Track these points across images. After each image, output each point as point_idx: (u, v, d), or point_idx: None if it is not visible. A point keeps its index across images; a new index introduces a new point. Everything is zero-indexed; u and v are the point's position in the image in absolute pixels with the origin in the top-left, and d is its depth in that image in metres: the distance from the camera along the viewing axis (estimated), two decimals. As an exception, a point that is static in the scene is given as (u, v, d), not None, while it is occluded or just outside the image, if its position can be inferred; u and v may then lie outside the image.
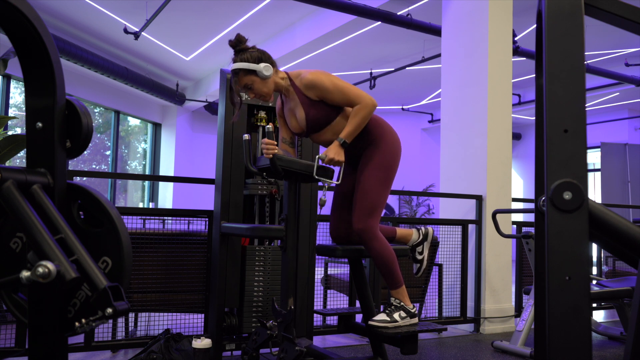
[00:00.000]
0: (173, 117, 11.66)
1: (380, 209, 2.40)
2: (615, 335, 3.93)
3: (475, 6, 4.33)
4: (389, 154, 2.43)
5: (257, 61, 2.40)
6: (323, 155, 2.33)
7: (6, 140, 2.49)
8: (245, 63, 2.39)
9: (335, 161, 2.33)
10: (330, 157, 2.32)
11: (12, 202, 1.27)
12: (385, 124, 2.50)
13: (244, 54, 2.42)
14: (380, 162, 2.41)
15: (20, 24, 1.32)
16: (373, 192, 2.39)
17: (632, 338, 1.04)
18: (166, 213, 3.43)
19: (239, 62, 2.41)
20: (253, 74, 2.39)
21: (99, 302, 1.26)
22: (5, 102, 7.96)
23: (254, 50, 2.44)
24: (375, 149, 2.42)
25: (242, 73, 2.40)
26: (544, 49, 1.04)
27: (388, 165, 2.43)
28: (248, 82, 2.40)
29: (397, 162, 2.47)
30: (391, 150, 2.44)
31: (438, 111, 12.16)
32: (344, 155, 2.35)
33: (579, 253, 0.98)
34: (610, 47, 7.95)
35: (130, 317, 3.39)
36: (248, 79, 2.40)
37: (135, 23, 7.59)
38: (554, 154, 1.00)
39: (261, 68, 2.38)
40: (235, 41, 2.46)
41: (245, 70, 2.39)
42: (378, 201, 2.39)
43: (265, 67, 2.39)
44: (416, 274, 2.67)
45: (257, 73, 2.39)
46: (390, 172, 2.44)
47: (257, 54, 2.43)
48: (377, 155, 2.42)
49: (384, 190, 2.42)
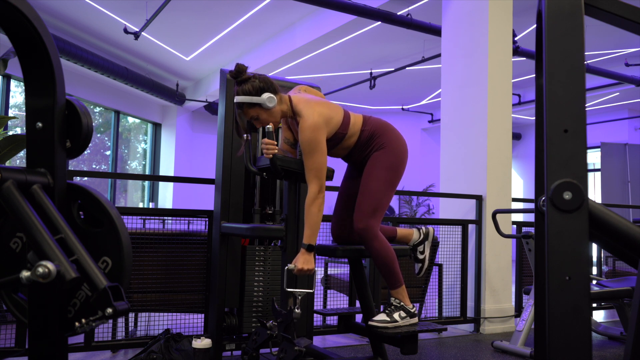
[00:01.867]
0: (173, 117, 11.66)
1: (383, 211, 2.41)
2: (615, 335, 3.93)
3: (475, 6, 4.33)
4: (396, 158, 2.44)
5: (259, 92, 2.32)
6: (292, 266, 2.27)
7: (6, 140, 2.49)
8: (248, 96, 2.31)
9: (305, 270, 2.26)
10: (299, 268, 2.25)
11: (12, 202, 1.27)
12: (393, 131, 2.50)
13: (245, 84, 2.34)
14: (388, 164, 2.42)
15: (20, 24, 1.32)
16: (378, 192, 2.39)
17: (632, 338, 1.04)
18: (166, 213, 3.43)
19: (242, 94, 2.33)
20: (257, 106, 2.33)
21: (99, 302, 1.26)
22: (5, 102, 7.96)
23: (255, 80, 2.35)
24: (383, 153, 2.43)
25: (247, 106, 2.33)
26: (544, 49, 1.04)
27: (395, 168, 2.43)
28: (254, 114, 2.34)
29: (403, 166, 2.48)
30: (398, 154, 2.45)
31: (438, 111, 12.16)
32: (313, 262, 2.29)
33: (579, 253, 0.98)
34: (610, 47, 7.95)
35: (130, 317, 3.39)
36: (253, 111, 2.34)
37: (135, 23, 7.59)
38: (554, 154, 1.00)
39: (264, 100, 2.31)
40: (235, 72, 2.36)
41: (249, 103, 2.33)
42: (382, 202, 2.39)
43: (268, 99, 2.31)
44: (418, 273, 2.67)
45: (261, 105, 2.33)
46: (396, 175, 2.45)
47: (259, 84, 2.34)
48: (385, 157, 2.42)
49: (389, 192, 2.43)
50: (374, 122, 2.49)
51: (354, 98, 11.30)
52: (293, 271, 2.27)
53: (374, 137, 2.44)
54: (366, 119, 2.49)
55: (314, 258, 2.31)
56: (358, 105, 11.93)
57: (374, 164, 2.42)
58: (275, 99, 2.33)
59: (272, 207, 2.95)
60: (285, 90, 2.54)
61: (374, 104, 11.91)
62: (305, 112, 2.32)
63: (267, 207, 2.94)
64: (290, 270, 2.28)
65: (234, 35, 8.07)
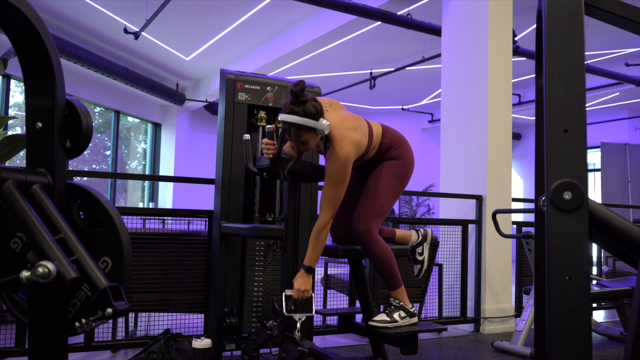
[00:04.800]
0: (173, 117, 11.66)
1: (384, 216, 2.44)
2: (615, 335, 3.93)
3: (475, 6, 4.33)
4: (407, 171, 2.47)
5: (318, 117, 2.18)
6: (290, 292, 2.28)
7: (6, 140, 2.49)
8: (309, 120, 2.15)
9: (302, 292, 2.26)
10: (297, 288, 2.27)
11: (12, 202, 1.27)
12: (407, 144, 2.52)
13: (306, 105, 2.16)
14: (399, 174, 2.45)
15: (20, 24, 1.32)
16: (384, 197, 2.41)
17: (632, 338, 1.04)
18: (166, 213, 3.43)
19: (302, 116, 2.15)
20: (311, 130, 2.18)
21: (99, 302, 1.26)
22: (5, 102, 7.96)
23: (316, 103, 2.20)
24: (396, 163, 2.45)
25: (304, 129, 2.17)
26: (544, 49, 1.04)
27: (403, 180, 2.47)
28: (306, 138, 2.20)
29: (409, 179, 2.51)
30: (409, 167, 2.48)
31: (438, 111, 12.16)
32: (311, 284, 2.29)
33: (579, 253, 0.98)
34: (610, 47, 7.95)
35: (130, 317, 3.39)
36: (307, 136, 2.19)
37: (135, 23, 7.59)
38: (554, 154, 1.00)
39: (324, 127, 2.17)
40: (299, 89, 2.16)
41: (305, 127, 2.16)
42: (385, 208, 2.42)
43: (327, 126, 2.18)
44: (417, 275, 2.67)
45: (315, 130, 2.18)
46: (402, 186, 2.49)
47: (319, 108, 2.19)
48: (397, 168, 2.45)
49: (393, 200, 2.46)
50: (391, 134, 2.50)
51: (354, 98, 11.30)
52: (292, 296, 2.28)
53: (390, 149, 2.46)
54: (385, 130, 2.49)
55: (313, 281, 2.32)
56: (358, 105, 11.93)
57: (386, 170, 2.44)
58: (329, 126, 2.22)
59: (272, 214, 2.94)
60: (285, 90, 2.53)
61: (374, 104, 11.91)
62: (338, 139, 2.24)
63: (267, 214, 2.94)
64: (288, 296, 2.28)
65: (234, 35, 8.07)
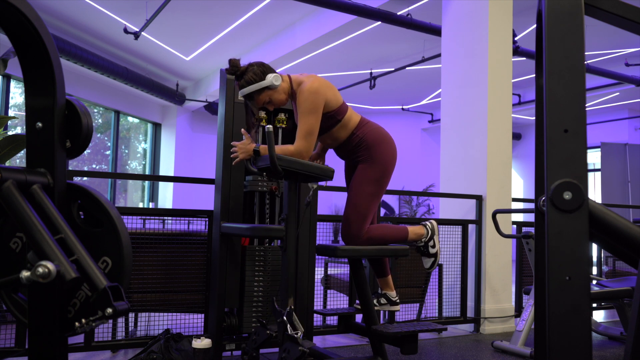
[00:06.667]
0: (173, 117, 11.66)
1: (370, 216, 2.52)
2: (615, 335, 3.93)
3: (475, 6, 4.33)
4: (383, 172, 2.52)
5: (263, 76, 2.38)
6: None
7: (6, 140, 2.49)
8: (254, 84, 2.37)
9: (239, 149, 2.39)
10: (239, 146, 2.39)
11: (12, 202, 1.27)
12: (384, 141, 2.54)
13: (246, 75, 2.39)
14: (374, 178, 2.50)
15: (20, 24, 1.32)
16: (364, 204, 2.49)
17: (632, 338, 1.04)
18: (166, 213, 3.43)
19: (247, 85, 2.38)
20: (266, 89, 2.38)
21: (99, 302, 1.26)
22: (5, 102, 7.96)
23: (254, 66, 2.40)
24: (370, 166, 2.50)
25: (256, 94, 2.39)
26: (544, 49, 1.04)
27: (380, 181, 2.52)
28: (265, 99, 2.41)
29: (389, 176, 2.55)
30: (386, 167, 2.52)
31: (438, 111, 12.16)
32: (249, 151, 2.36)
33: (579, 253, 0.98)
34: (610, 47, 7.95)
35: (130, 317, 3.39)
36: (264, 96, 2.40)
37: (135, 23, 7.59)
38: (554, 154, 1.00)
39: (272, 80, 2.37)
40: (231, 68, 2.42)
41: (257, 90, 2.38)
42: (367, 211, 2.50)
43: (274, 78, 2.37)
44: (430, 268, 2.71)
45: (269, 87, 2.37)
46: (382, 186, 2.54)
47: (259, 68, 2.39)
48: (372, 171, 2.50)
49: (375, 201, 2.53)
50: (368, 130, 2.53)
51: (354, 98, 11.30)
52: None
53: (363, 146, 2.50)
54: (362, 123, 2.54)
55: (252, 152, 2.36)
56: (358, 105, 11.93)
57: (361, 178, 2.50)
58: (280, 77, 2.39)
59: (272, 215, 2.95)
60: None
61: (374, 104, 11.91)
62: (306, 79, 2.41)
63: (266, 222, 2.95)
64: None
65: (234, 35, 8.07)
